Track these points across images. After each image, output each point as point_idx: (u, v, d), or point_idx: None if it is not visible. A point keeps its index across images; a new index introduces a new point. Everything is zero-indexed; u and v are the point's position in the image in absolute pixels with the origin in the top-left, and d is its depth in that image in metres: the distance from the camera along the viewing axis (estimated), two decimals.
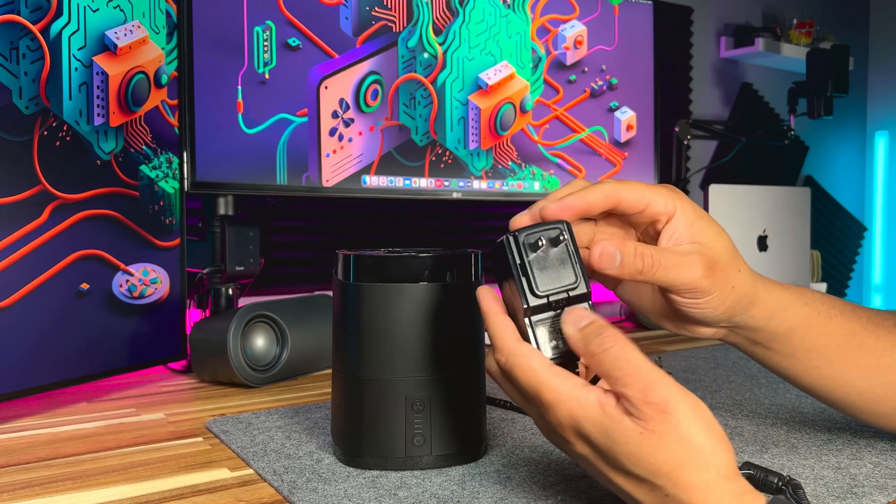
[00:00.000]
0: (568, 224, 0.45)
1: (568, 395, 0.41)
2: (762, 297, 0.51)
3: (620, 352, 0.40)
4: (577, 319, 0.43)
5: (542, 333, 0.43)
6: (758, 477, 0.50)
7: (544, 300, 0.43)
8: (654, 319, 0.54)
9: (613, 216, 0.51)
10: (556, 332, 0.43)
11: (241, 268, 0.99)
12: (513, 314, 0.45)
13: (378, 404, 0.54)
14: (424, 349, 0.54)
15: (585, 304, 0.44)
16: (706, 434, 0.39)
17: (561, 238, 0.44)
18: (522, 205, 1.49)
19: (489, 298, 0.46)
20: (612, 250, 0.45)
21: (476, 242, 1.50)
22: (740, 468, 0.51)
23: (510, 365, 0.43)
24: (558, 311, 0.43)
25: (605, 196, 0.48)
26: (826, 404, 0.58)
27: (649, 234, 0.50)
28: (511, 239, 0.44)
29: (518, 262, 0.43)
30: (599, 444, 0.40)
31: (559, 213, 0.46)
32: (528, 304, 0.43)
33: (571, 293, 0.43)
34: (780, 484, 0.49)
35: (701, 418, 0.40)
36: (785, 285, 0.53)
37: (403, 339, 0.54)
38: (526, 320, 0.43)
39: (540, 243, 0.43)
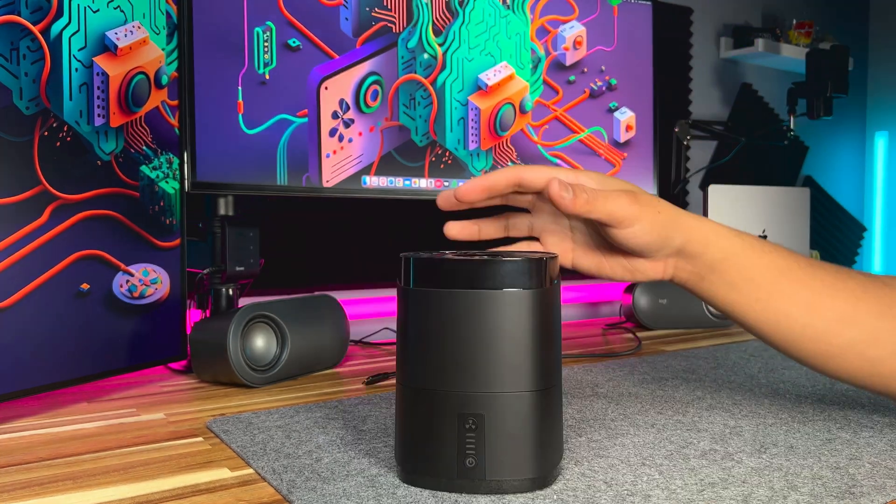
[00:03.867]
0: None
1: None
2: (690, 223, 0.56)
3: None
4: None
5: None
6: None
7: None
8: (609, 272, 0.59)
9: (546, 209, 0.59)
10: None
11: (242, 268, 0.99)
12: None
13: (427, 418, 0.51)
14: (481, 362, 0.50)
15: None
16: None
17: None
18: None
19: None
20: (564, 185, 0.53)
21: (475, 242, 1.50)
22: None
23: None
24: None
25: (506, 176, 0.56)
26: (770, 345, 0.60)
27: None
28: None
29: None
30: None
31: (467, 193, 0.56)
32: None
33: None
34: None
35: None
36: (739, 237, 0.58)
37: (457, 350, 0.50)
38: None
39: None
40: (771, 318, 0.57)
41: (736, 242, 0.56)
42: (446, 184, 1.17)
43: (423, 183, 1.15)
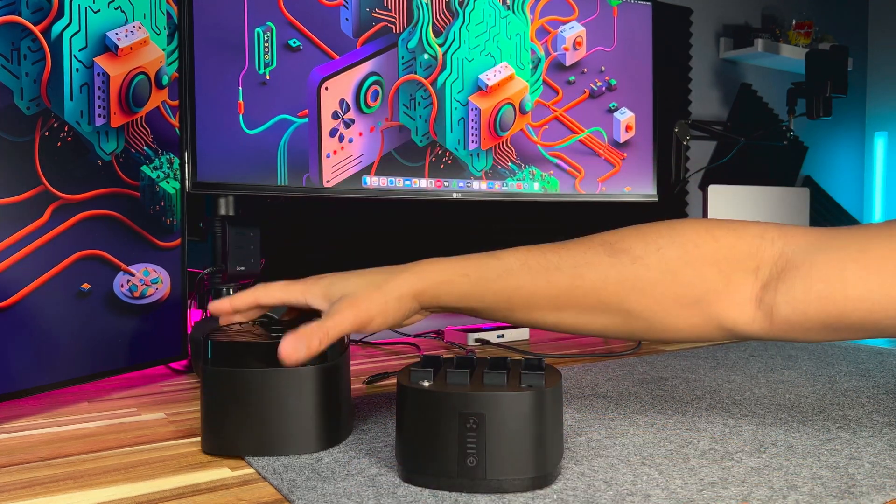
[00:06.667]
0: None
1: None
2: (435, 291, 0.61)
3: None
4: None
5: None
6: None
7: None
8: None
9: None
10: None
11: (242, 268, 1.00)
12: None
13: (428, 418, 0.51)
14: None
15: None
16: None
17: None
18: (522, 205, 1.50)
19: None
20: (292, 345, 0.55)
21: (475, 242, 1.50)
22: None
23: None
24: None
25: (246, 301, 0.64)
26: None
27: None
28: None
29: None
30: None
31: (216, 310, 0.65)
32: None
33: None
34: None
35: None
36: (465, 276, 0.61)
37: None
38: None
39: None
40: (522, 323, 0.63)
41: (462, 291, 0.61)
42: (446, 184, 1.17)
43: (424, 183, 1.16)
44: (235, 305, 0.64)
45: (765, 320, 0.58)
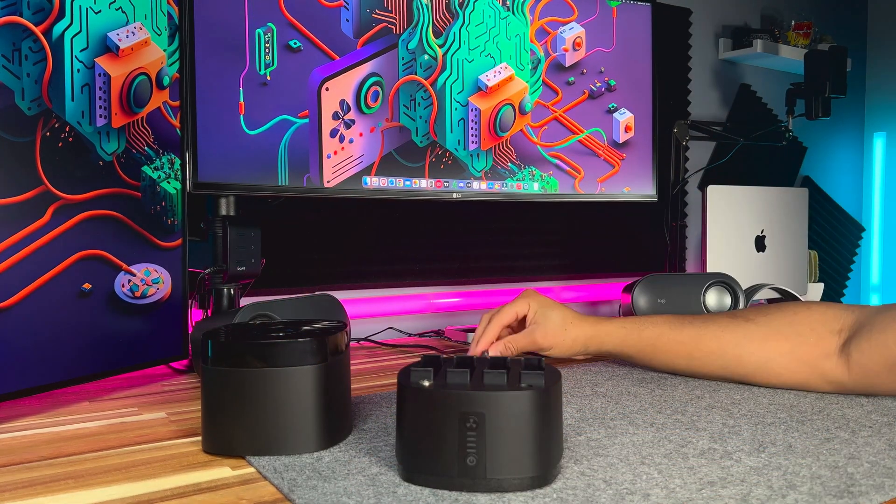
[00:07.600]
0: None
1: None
2: (601, 338, 0.86)
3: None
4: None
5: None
6: None
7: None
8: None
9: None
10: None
11: (243, 268, 1.00)
12: None
13: (428, 417, 0.51)
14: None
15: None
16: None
17: None
18: (522, 205, 1.50)
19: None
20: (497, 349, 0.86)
21: (475, 242, 1.51)
22: None
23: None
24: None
25: (495, 334, 0.87)
26: None
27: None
28: None
29: None
30: None
31: (481, 349, 0.86)
32: None
33: None
34: None
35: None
36: (623, 328, 0.87)
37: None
38: None
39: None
40: (662, 368, 0.88)
41: (620, 337, 0.86)
42: (446, 184, 1.18)
43: (424, 183, 1.16)
44: (489, 341, 0.86)
45: (845, 367, 0.75)
